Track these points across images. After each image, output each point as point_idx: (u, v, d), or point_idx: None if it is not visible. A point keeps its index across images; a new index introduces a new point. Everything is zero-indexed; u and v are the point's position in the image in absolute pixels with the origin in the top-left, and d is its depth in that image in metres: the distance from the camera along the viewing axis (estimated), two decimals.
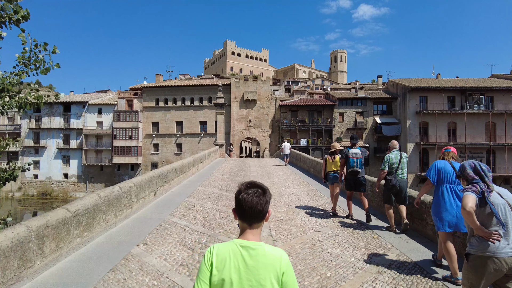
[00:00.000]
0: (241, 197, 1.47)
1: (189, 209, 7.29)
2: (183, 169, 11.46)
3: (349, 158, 6.51)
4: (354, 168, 6.45)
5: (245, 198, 1.46)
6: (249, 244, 1.44)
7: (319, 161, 13.23)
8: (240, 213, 1.49)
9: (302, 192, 9.82)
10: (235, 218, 1.52)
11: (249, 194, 1.46)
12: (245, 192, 1.48)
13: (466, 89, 40.75)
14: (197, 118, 47.07)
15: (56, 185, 49.57)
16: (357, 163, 6.46)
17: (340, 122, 45.41)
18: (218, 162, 20.26)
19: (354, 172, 6.49)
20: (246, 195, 1.47)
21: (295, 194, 9.43)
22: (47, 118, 49.80)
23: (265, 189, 1.53)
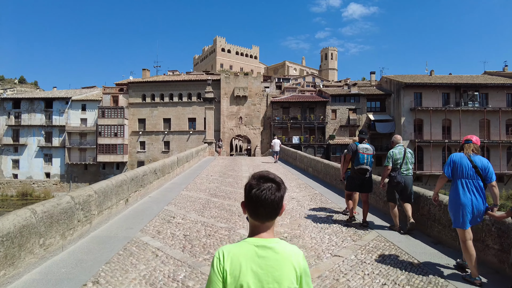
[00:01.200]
0: (254, 194, 1.28)
1: (167, 222, 5.80)
2: (165, 170, 9.94)
3: (358, 154, 5.80)
4: (364, 166, 5.77)
5: (258, 195, 1.27)
6: (264, 243, 1.27)
7: (321, 160, 11.83)
8: (252, 211, 1.30)
9: (304, 197, 8.41)
10: (244, 213, 1.34)
11: (263, 191, 1.27)
12: (257, 187, 1.28)
13: (461, 86, 40.08)
14: (185, 115, 45.36)
15: (37, 185, 47.29)
16: (367, 160, 5.80)
17: (333, 119, 44.33)
18: (207, 161, 18.76)
19: (363, 170, 5.80)
20: (259, 192, 1.27)
21: (296, 199, 8.02)
22: (27, 115, 47.41)
23: (279, 183, 1.32)
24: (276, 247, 1.28)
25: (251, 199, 1.30)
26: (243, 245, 1.29)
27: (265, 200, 1.28)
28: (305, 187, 9.85)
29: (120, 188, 6.28)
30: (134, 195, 7.17)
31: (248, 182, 1.34)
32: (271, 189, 1.29)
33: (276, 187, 1.31)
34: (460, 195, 3.66)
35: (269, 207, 1.29)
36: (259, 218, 1.31)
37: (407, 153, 5.50)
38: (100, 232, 5.07)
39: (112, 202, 5.85)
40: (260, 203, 1.28)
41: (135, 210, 6.60)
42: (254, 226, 1.33)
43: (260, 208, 1.29)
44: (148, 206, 7.01)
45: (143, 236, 4.97)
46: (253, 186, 1.30)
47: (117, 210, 6.11)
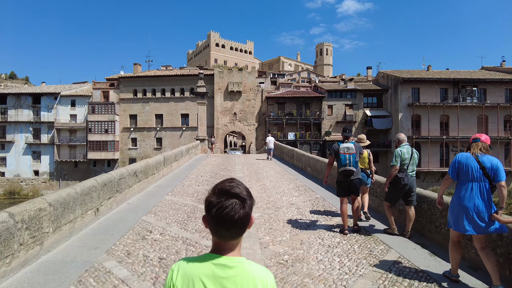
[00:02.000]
0: (214, 214, 1.11)
1: (141, 238, 4.80)
2: (148, 171, 8.91)
3: (339, 155, 5.35)
4: (347, 167, 5.29)
5: (219, 216, 1.10)
6: (225, 262, 1.12)
7: (320, 159, 10.85)
8: (213, 231, 1.14)
9: (304, 202, 7.44)
10: (206, 227, 1.16)
11: (224, 210, 1.10)
12: (218, 206, 1.10)
13: (459, 81, 39.41)
14: (178, 111, 44.16)
15: (26, 183, 45.94)
16: (350, 161, 5.30)
17: (329, 115, 43.47)
18: (199, 159, 17.74)
19: (347, 172, 5.31)
20: (220, 212, 1.10)
21: (296, 206, 7.05)
22: (14, 111, 45.90)
23: (244, 198, 1.14)
24: (238, 267, 1.12)
25: (212, 219, 1.12)
26: (200, 262, 1.13)
27: (227, 221, 1.09)
28: (304, 190, 8.89)
29: (88, 196, 5.27)
30: (108, 202, 6.15)
31: (207, 196, 1.15)
32: (234, 207, 1.10)
33: (241, 204, 1.12)
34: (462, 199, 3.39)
35: (233, 228, 1.11)
36: (221, 238, 1.14)
37: (414, 153, 5.14)
38: (55, 255, 4.05)
39: (76, 214, 4.84)
40: (221, 224, 1.10)
41: (106, 221, 5.58)
42: (216, 243, 1.17)
43: (222, 230, 1.11)
44: (124, 216, 5.99)
45: (107, 260, 3.96)
46: (212, 203, 1.11)
47: (83, 223, 5.09)
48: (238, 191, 1.15)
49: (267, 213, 6.38)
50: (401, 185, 4.97)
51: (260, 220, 5.85)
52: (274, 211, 6.53)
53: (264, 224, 5.61)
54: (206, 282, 1.10)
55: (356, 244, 4.67)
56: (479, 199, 3.33)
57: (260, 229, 5.32)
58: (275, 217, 6.07)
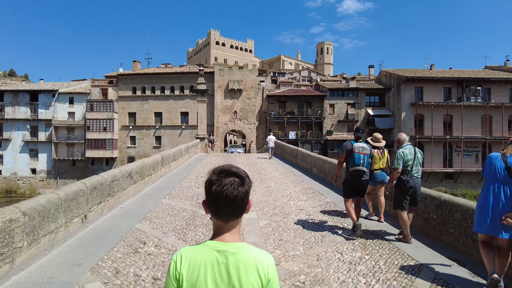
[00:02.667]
0: (214, 191, 1.16)
1: (133, 252, 4.17)
2: (144, 172, 8.27)
3: (354, 153, 5.13)
4: (360, 167, 5.08)
5: (220, 192, 1.15)
6: (227, 248, 1.16)
7: (328, 160, 10.19)
8: (214, 210, 1.18)
9: (314, 207, 6.81)
10: (206, 213, 1.21)
11: (224, 186, 1.15)
12: (218, 183, 1.16)
13: (463, 80, 38.79)
14: (177, 109, 43.51)
15: (23, 181, 45.27)
16: (364, 161, 5.11)
17: (331, 114, 42.86)
18: (198, 159, 17.11)
19: (359, 172, 5.11)
20: (220, 188, 1.15)
21: (306, 212, 6.41)
22: (11, 108, 45.20)
23: (243, 176, 1.20)
24: (239, 252, 1.15)
25: (212, 196, 1.17)
26: (203, 249, 1.17)
27: (228, 196, 1.14)
28: (313, 194, 8.25)
29: (74, 202, 4.63)
30: (98, 208, 5.52)
31: (208, 177, 1.21)
32: (233, 184, 1.16)
33: (240, 182, 1.18)
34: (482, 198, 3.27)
35: (233, 204, 1.15)
36: (222, 217, 1.18)
37: (417, 153, 4.93)
38: (28, 274, 3.42)
39: (59, 223, 4.20)
40: (222, 200, 1.15)
41: (95, 230, 4.95)
42: (217, 226, 1.21)
43: (222, 206, 1.16)
44: (115, 223, 5.36)
45: (91, 280, 3.34)
46: (213, 182, 1.17)
47: (68, 233, 4.46)
48: (237, 171, 1.20)
49: (275, 220, 5.75)
50: (407, 188, 4.69)
51: (268, 229, 5.23)
52: (283, 218, 5.90)
53: (273, 234, 4.98)
54: (210, 269, 1.12)
55: (381, 259, 4.04)
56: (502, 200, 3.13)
57: (269, 241, 4.70)
58: (284, 226, 5.44)
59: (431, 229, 4.70)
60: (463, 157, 38.21)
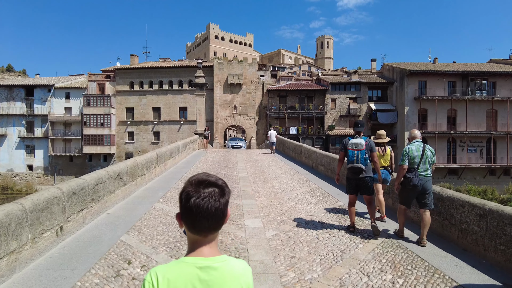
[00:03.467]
0: (193, 204, 1.06)
1: (115, 275, 3.39)
2: (136, 172, 7.49)
3: (347, 150, 5.11)
4: (354, 164, 5.03)
5: (199, 205, 1.06)
6: (208, 263, 1.07)
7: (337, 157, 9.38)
8: (191, 224, 1.08)
9: (327, 213, 6.01)
10: (181, 227, 1.13)
11: (204, 198, 1.07)
12: (197, 195, 1.07)
13: (468, 74, 37.90)
14: (176, 104, 42.64)
15: (19, 178, 44.55)
16: (357, 157, 5.03)
17: (333, 108, 42.03)
18: (197, 155, 16.33)
19: (355, 169, 5.06)
20: (199, 200, 1.06)
21: (317, 217, 5.64)
22: (6, 103, 44.31)
23: (222, 186, 1.13)
24: (222, 267, 1.08)
25: (191, 210, 1.07)
26: (181, 267, 1.06)
27: (208, 209, 1.07)
28: (322, 196, 7.47)
29: (46, 212, 3.86)
30: (79, 216, 4.75)
31: (183, 189, 1.11)
32: (214, 195, 1.09)
33: (220, 192, 1.10)
34: None
35: (214, 217, 1.08)
36: (201, 231, 1.09)
37: (426, 150, 4.70)
38: None
39: (23, 240, 3.43)
40: (202, 214, 1.06)
41: (72, 245, 4.18)
42: (194, 241, 1.11)
43: (202, 220, 1.07)
44: (98, 234, 4.59)
45: None
46: (191, 194, 1.08)
47: (35, 251, 3.69)
48: (215, 180, 1.12)
49: (284, 230, 4.98)
50: (410, 186, 4.57)
51: (277, 242, 4.46)
52: (292, 227, 5.13)
53: (283, 249, 4.22)
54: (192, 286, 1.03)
55: (419, 285, 3.27)
56: None
57: (279, 258, 3.93)
58: (295, 237, 4.67)
59: (471, 243, 3.95)
60: (467, 152, 37.46)
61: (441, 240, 4.52)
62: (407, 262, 3.82)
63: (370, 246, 4.36)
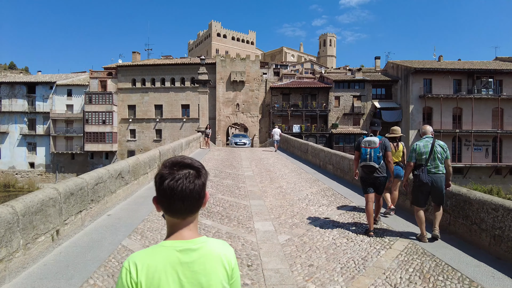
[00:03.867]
0: (167, 186, 1.04)
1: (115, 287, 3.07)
2: (138, 170, 7.16)
3: (361, 148, 5.03)
4: (367, 162, 4.93)
5: (173, 187, 1.03)
6: (188, 245, 1.05)
7: (347, 156, 9.01)
8: (168, 206, 1.06)
9: (341, 215, 5.66)
10: (158, 210, 1.10)
11: (178, 180, 1.04)
12: (171, 177, 1.04)
13: (474, 72, 37.39)
14: (178, 101, 42.31)
15: (21, 175, 44.38)
16: (370, 155, 4.93)
17: (336, 106, 41.61)
18: (200, 153, 15.99)
19: (368, 168, 4.94)
20: (173, 182, 1.03)
21: (331, 220, 5.28)
22: (8, 100, 44.07)
23: (198, 168, 1.09)
24: (202, 247, 1.06)
25: (165, 192, 1.04)
26: (160, 251, 1.04)
27: (183, 191, 1.03)
28: (334, 196, 7.11)
29: (40, 215, 3.53)
30: (77, 218, 4.41)
31: (158, 171, 1.08)
32: (188, 176, 1.05)
33: (195, 174, 1.07)
34: None
35: (189, 199, 1.04)
36: (177, 214, 1.06)
37: (436, 146, 4.58)
38: None
39: (13, 246, 3.10)
40: (176, 195, 1.03)
41: (69, 250, 3.85)
42: (172, 224, 1.08)
43: (177, 202, 1.04)
44: (98, 238, 4.26)
45: None
46: (165, 176, 1.05)
47: (28, 258, 3.36)
48: (191, 162, 1.09)
49: (297, 234, 4.63)
50: (418, 183, 4.49)
51: (291, 248, 4.12)
52: (306, 231, 4.78)
53: (299, 256, 3.87)
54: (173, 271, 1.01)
55: None
56: None
57: (295, 266, 3.59)
58: (310, 242, 4.31)
59: (507, 251, 3.59)
60: (472, 151, 37.01)
61: (469, 246, 4.16)
62: (436, 271, 3.47)
63: (393, 252, 4.01)
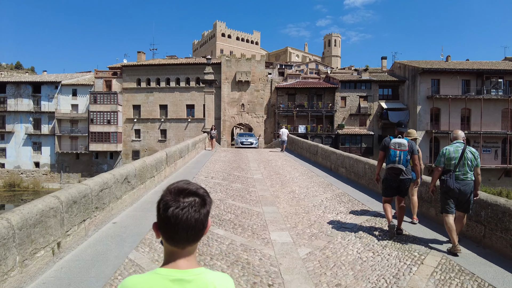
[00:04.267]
0: (171, 214, 0.99)
1: None
2: (145, 174, 6.84)
3: (389, 149, 4.83)
4: (395, 164, 4.75)
5: (178, 215, 0.98)
6: (182, 276, 0.99)
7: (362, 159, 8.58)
8: (169, 235, 1.01)
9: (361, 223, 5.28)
10: (157, 237, 1.04)
11: (184, 209, 0.99)
12: (176, 204, 0.99)
13: (484, 72, 36.75)
14: (183, 101, 42.08)
15: (26, 175, 44.38)
16: (399, 158, 4.74)
17: (342, 107, 41.15)
18: (206, 155, 15.67)
19: (395, 170, 4.78)
20: (178, 211, 0.99)
21: (353, 231, 4.89)
22: (13, 100, 44.12)
23: (203, 196, 1.04)
24: (197, 279, 1.00)
25: (169, 220, 0.99)
26: (154, 279, 1.00)
27: (188, 220, 0.99)
28: (350, 203, 6.71)
29: (39, 227, 3.20)
30: (80, 228, 4.09)
31: (162, 197, 1.03)
32: (194, 205, 1.00)
33: (201, 202, 1.02)
34: None
35: (193, 228, 1.00)
36: (178, 243, 1.02)
37: (466, 152, 4.36)
38: None
39: (8, 264, 2.77)
40: (181, 225, 0.98)
41: (71, 265, 3.52)
42: (170, 253, 1.04)
43: (180, 232, 0.99)
44: (102, 250, 3.93)
45: None
46: (169, 203, 1.00)
47: (25, 276, 3.03)
48: (196, 189, 1.03)
49: (318, 247, 4.26)
50: (445, 189, 4.31)
51: (314, 264, 3.75)
52: (327, 243, 4.41)
53: (324, 274, 3.50)
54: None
55: None
56: None
57: (321, 286, 3.23)
58: (334, 257, 3.95)
59: None
60: (481, 153, 36.36)
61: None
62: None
63: (426, 269, 3.63)
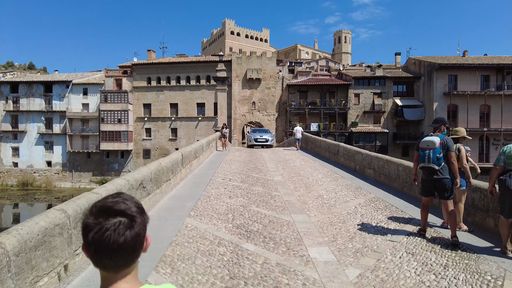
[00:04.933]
0: (92, 239, 0.86)
1: None
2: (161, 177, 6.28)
3: (419, 149, 4.73)
4: (425, 164, 4.55)
5: (99, 240, 0.86)
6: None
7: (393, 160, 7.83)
8: (94, 261, 0.89)
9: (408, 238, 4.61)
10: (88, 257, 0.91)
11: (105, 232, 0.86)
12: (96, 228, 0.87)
13: (504, 67, 35.43)
14: (193, 100, 41.66)
15: (39, 174, 44.65)
16: (428, 157, 4.52)
17: (356, 104, 40.22)
18: (220, 155, 15.10)
19: (427, 169, 4.56)
20: (99, 236, 0.86)
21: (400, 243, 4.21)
22: (26, 100, 44.39)
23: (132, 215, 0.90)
24: None
25: (89, 246, 0.87)
26: None
27: (110, 246, 0.85)
28: (387, 209, 6.01)
29: (42, 250, 2.65)
30: None
31: (83, 218, 0.91)
32: (117, 228, 0.86)
33: (128, 223, 0.88)
34: None
35: (118, 255, 0.86)
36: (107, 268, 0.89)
37: None
38: None
39: None
40: (102, 251, 0.86)
41: None
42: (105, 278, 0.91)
43: (103, 259, 0.87)
44: None
45: None
46: (89, 226, 0.88)
47: None
48: (124, 207, 0.89)
49: (368, 268, 3.62)
50: (504, 188, 4.10)
51: None
52: (377, 261, 3.76)
53: None
54: None
55: None
56: None
57: None
58: (390, 280, 3.30)
59: None
60: None
61: None
62: None
63: None
